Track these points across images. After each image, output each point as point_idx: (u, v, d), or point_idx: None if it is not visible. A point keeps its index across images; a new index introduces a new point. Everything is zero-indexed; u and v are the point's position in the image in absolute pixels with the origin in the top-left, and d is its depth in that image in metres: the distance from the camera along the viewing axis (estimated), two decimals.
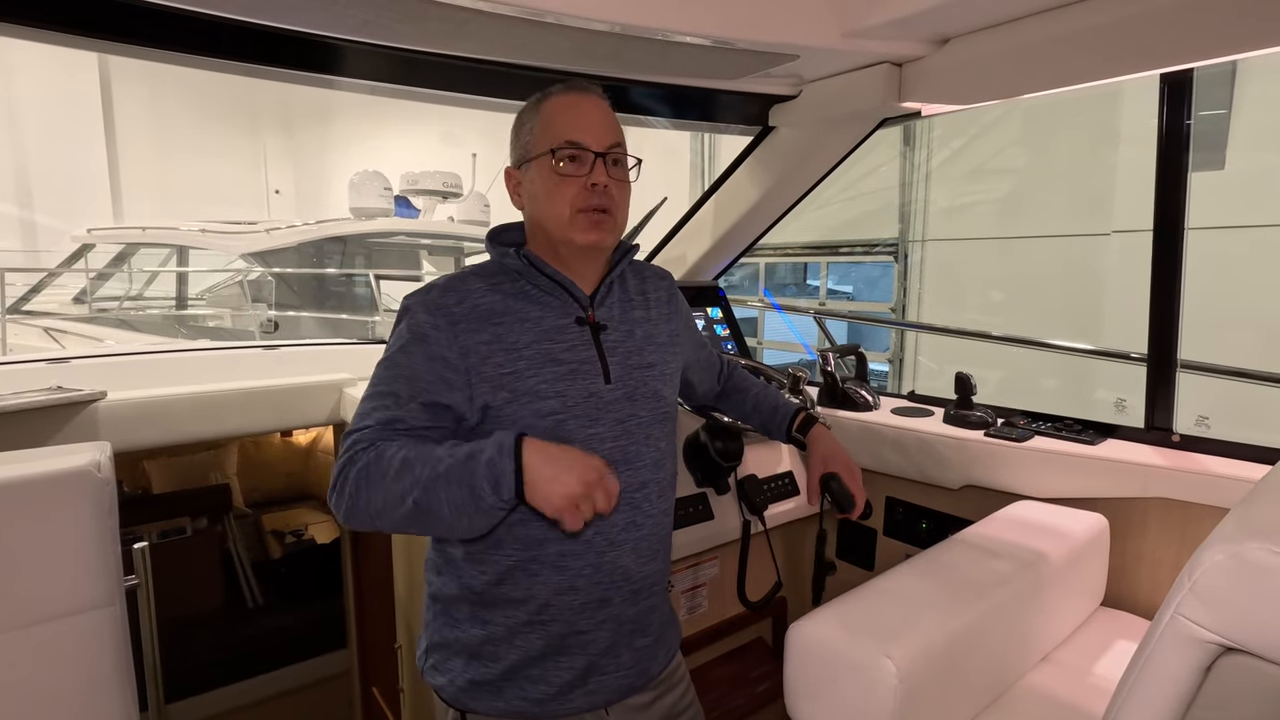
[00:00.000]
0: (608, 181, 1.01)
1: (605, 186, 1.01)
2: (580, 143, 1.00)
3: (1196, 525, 1.39)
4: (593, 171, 1.00)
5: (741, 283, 8.83)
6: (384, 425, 0.94)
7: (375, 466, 0.90)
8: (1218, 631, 0.69)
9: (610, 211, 1.02)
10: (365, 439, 0.93)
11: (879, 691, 0.98)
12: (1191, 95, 1.43)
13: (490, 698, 1.04)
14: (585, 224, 1.01)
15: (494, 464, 0.85)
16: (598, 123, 1.02)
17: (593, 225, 1.01)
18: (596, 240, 1.02)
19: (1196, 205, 1.48)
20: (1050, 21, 1.23)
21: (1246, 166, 4.55)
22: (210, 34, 1.21)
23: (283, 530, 3.07)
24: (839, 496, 1.27)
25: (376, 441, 0.92)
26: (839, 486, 1.27)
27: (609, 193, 1.01)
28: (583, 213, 1.01)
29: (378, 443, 0.92)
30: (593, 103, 1.04)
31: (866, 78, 1.49)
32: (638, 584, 1.07)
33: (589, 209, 1.01)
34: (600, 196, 1.01)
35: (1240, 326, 4.22)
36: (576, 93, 1.04)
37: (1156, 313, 1.54)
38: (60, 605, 1.16)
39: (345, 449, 0.93)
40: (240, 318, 6.31)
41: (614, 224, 1.03)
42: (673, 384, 1.16)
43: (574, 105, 1.03)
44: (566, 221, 1.01)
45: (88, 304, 6.76)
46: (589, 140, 1.01)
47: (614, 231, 1.04)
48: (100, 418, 1.74)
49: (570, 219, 1.01)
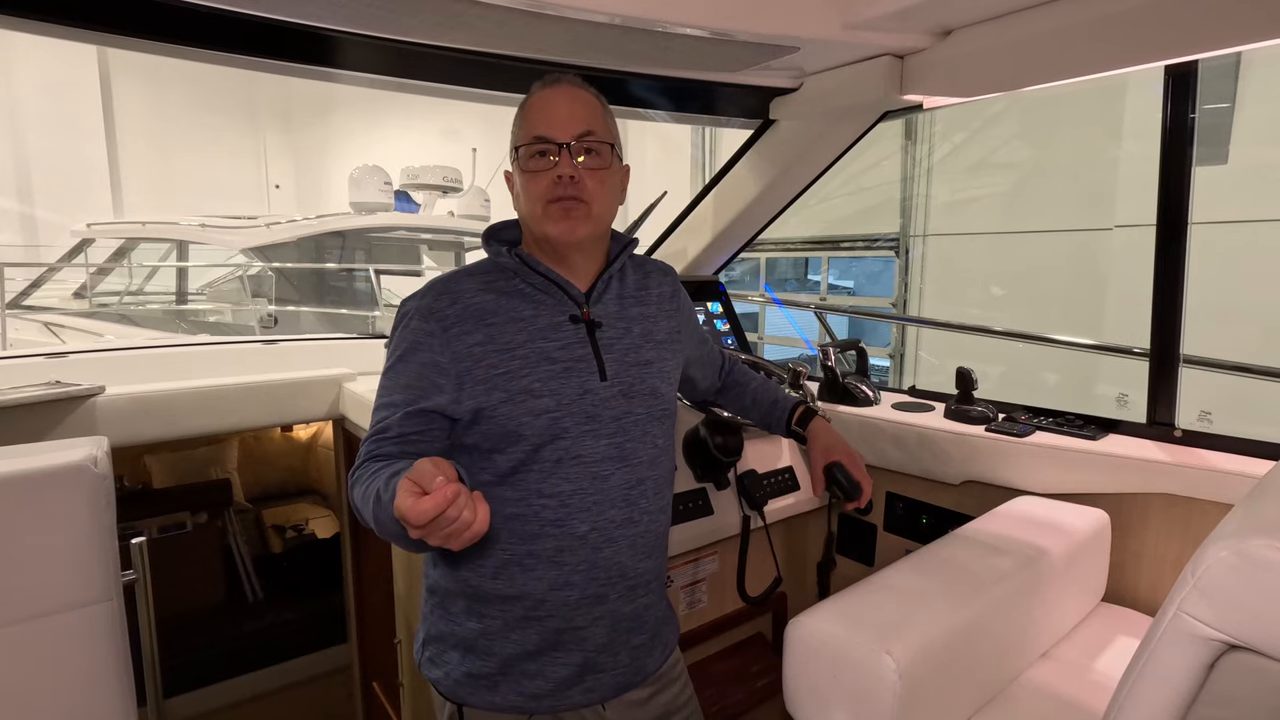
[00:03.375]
0: (573, 171, 0.99)
1: (573, 177, 0.99)
2: (545, 136, 0.99)
3: (1199, 521, 1.38)
4: (559, 163, 0.99)
5: (742, 277, 8.83)
6: (377, 437, 0.97)
7: (356, 489, 0.93)
8: (1221, 629, 0.68)
9: (583, 200, 1.00)
10: (362, 454, 0.98)
11: (879, 687, 0.97)
12: (1196, 88, 1.41)
13: (486, 691, 1.04)
14: (555, 214, 1.00)
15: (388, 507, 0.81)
16: (564, 113, 1.00)
17: (563, 214, 1.00)
18: (566, 229, 1.00)
19: (1199, 200, 1.47)
20: (1054, 13, 1.22)
21: (1250, 161, 4.53)
22: (209, 26, 1.20)
23: (283, 525, 3.07)
24: (844, 484, 1.27)
25: (369, 456, 0.96)
26: (844, 474, 1.27)
27: (579, 183, 0.99)
28: (552, 204, 0.99)
29: (368, 460, 0.96)
30: (561, 93, 1.02)
31: (868, 70, 1.48)
32: (634, 580, 1.07)
33: (556, 199, 0.99)
34: (568, 187, 0.99)
35: (1243, 321, 4.21)
36: (547, 86, 1.02)
37: (1159, 307, 1.53)
38: (57, 600, 1.16)
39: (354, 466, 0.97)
40: (240, 313, 6.31)
41: (588, 212, 1.01)
42: (671, 381, 1.15)
43: (544, 100, 1.02)
44: (540, 215, 1.00)
45: (88, 299, 6.75)
46: (553, 132, 0.99)
47: (588, 220, 1.01)
48: (99, 412, 1.74)
49: (542, 212, 1.00)
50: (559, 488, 1.00)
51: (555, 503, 1.00)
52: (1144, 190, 2.72)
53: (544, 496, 1.00)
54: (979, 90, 1.42)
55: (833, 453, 1.30)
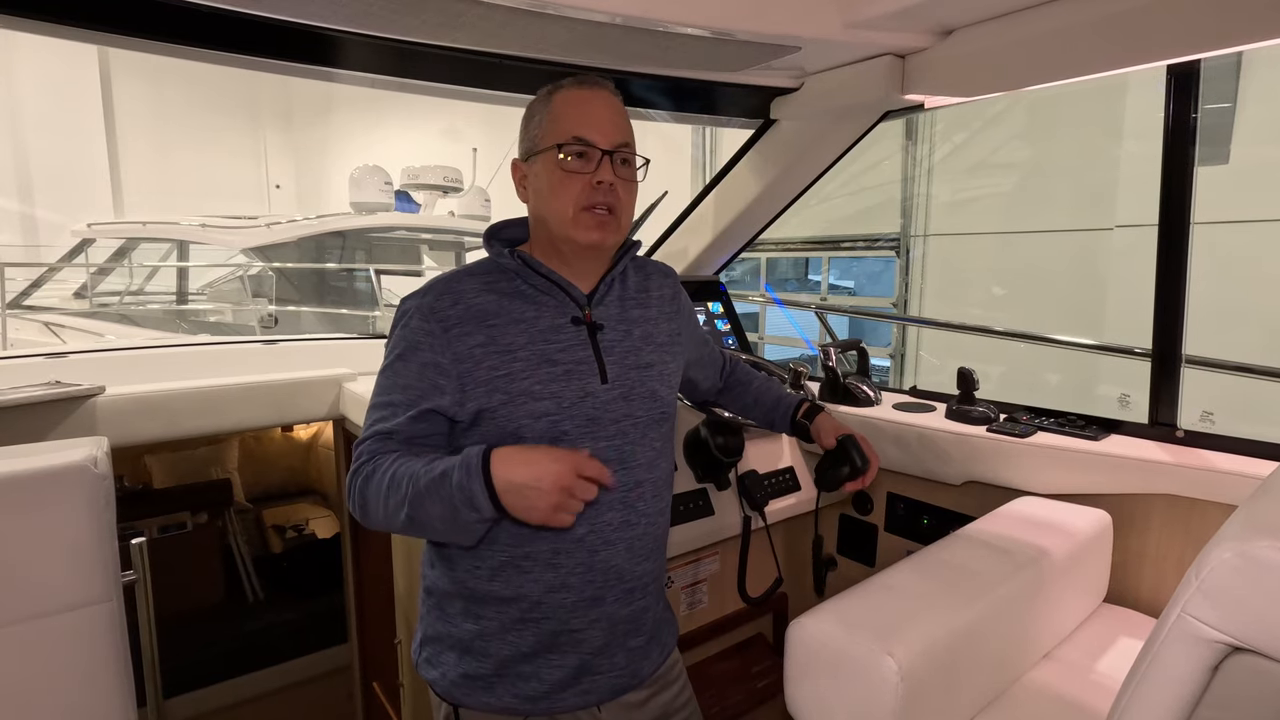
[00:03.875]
0: (614, 180, 0.99)
1: (611, 185, 0.99)
2: (588, 139, 0.99)
3: (1201, 522, 1.38)
4: (599, 169, 0.99)
5: (743, 277, 8.82)
6: (382, 436, 0.97)
7: (372, 480, 0.93)
8: (1225, 631, 0.68)
9: (614, 211, 1.01)
10: (366, 451, 0.97)
11: (880, 689, 0.97)
12: (1199, 87, 1.41)
13: (482, 693, 1.04)
14: (589, 222, 1.00)
15: (463, 487, 0.86)
16: (607, 120, 1.00)
17: (596, 224, 1.00)
18: (599, 240, 1.00)
19: (1200, 200, 1.46)
20: (1055, 12, 1.22)
21: (1251, 161, 4.52)
22: (209, 26, 1.20)
23: (283, 525, 3.07)
24: (858, 455, 1.27)
25: (376, 454, 0.96)
26: (855, 447, 1.28)
27: (614, 191, 1.00)
28: (586, 210, 0.99)
29: (376, 455, 0.96)
30: (603, 99, 1.02)
31: (869, 70, 1.48)
32: (631, 583, 1.06)
33: (592, 207, 0.99)
34: (605, 194, 0.99)
35: (1245, 321, 4.20)
36: (588, 88, 1.02)
37: (1161, 307, 1.53)
38: (57, 601, 1.16)
39: (353, 459, 0.97)
40: (240, 313, 6.31)
41: (617, 224, 1.02)
42: (671, 384, 1.14)
43: (584, 100, 1.01)
44: (570, 219, 1.00)
45: (88, 299, 6.76)
46: (597, 137, 0.99)
47: (617, 231, 1.02)
48: (99, 413, 1.74)
49: (574, 217, 1.00)
50: None
51: None
52: (1144, 190, 2.72)
53: None
54: (980, 90, 1.42)
55: (844, 430, 1.31)
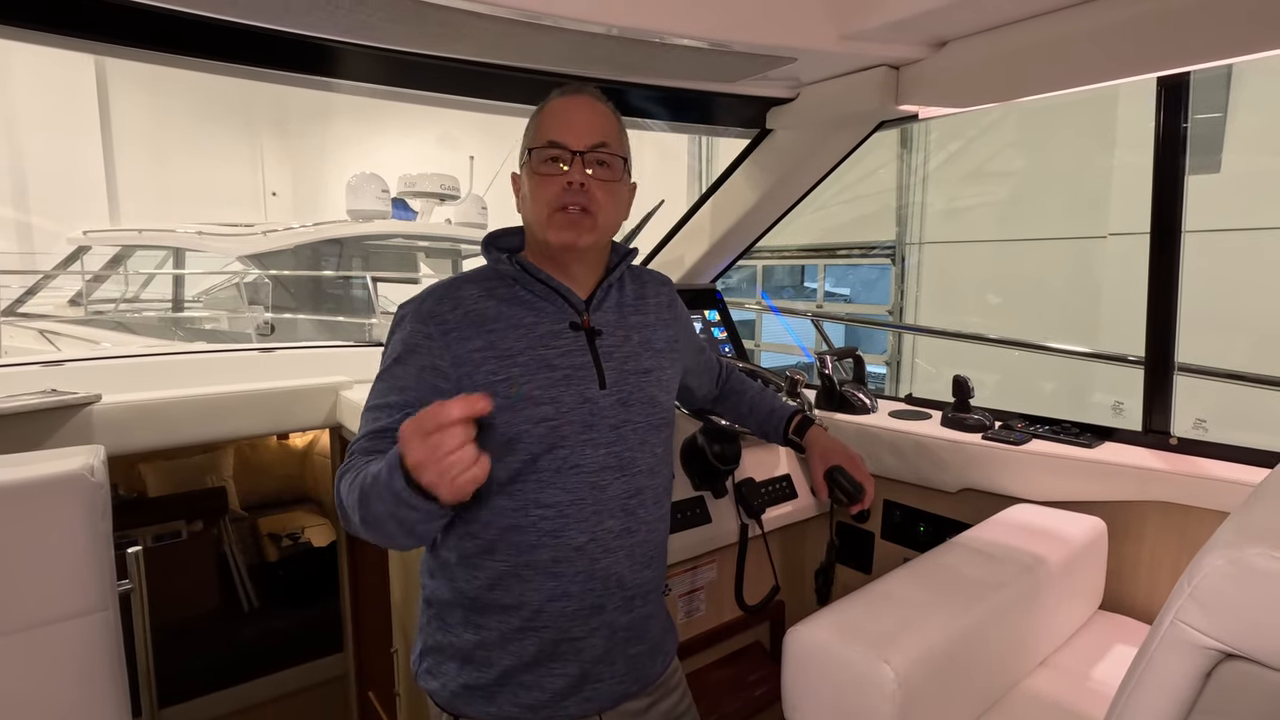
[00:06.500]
0: (584, 180, 0.99)
1: (583, 185, 0.99)
2: (559, 142, 1.00)
3: (1195, 528, 1.39)
4: (570, 170, 1.00)
5: (739, 285, 8.84)
6: (374, 436, 0.97)
7: (343, 482, 0.92)
8: (1218, 637, 0.68)
9: (590, 210, 1.00)
10: (355, 449, 0.96)
11: (877, 696, 0.97)
12: (1189, 98, 1.43)
13: (483, 703, 1.04)
14: (561, 222, 1.00)
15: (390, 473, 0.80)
16: (581, 122, 1.01)
17: (569, 224, 1.00)
18: (571, 239, 1.00)
19: (1192, 208, 1.48)
20: (1048, 24, 1.23)
21: (1242, 170, 4.56)
22: (206, 36, 1.20)
23: (279, 533, 3.05)
24: (847, 487, 1.27)
25: (362, 453, 0.95)
26: (845, 477, 1.28)
27: (588, 192, 1.00)
28: (560, 211, 1.00)
29: (356, 456, 0.95)
30: (582, 103, 1.03)
31: (864, 80, 1.49)
32: (632, 591, 1.06)
33: (564, 207, 1.00)
34: (576, 195, 0.99)
35: (1237, 330, 4.23)
36: (568, 95, 1.04)
37: (1154, 315, 1.54)
38: (52, 610, 1.15)
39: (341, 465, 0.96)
40: (237, 320, 6.30)
41: (593, 224, 1.01)
42: (670, 390, 1.15)
43: (563, 107, 1.03)
44: (544, 220, 1.01)
45: (83, 306, 6.73)
46: (570, 139, 1.00)
47: (593, 231, 1.02)
48: (95, 421, 1.73)
49: (548, 218, 1.00)
50: (556, 498, 1.00)
51: (553, 513, 1.00)
52: (1137, 199, 2.74)
53: (541, 506, 1.00)
54: (974, 101, 1.43)
55: (831, 456, 1.30)
